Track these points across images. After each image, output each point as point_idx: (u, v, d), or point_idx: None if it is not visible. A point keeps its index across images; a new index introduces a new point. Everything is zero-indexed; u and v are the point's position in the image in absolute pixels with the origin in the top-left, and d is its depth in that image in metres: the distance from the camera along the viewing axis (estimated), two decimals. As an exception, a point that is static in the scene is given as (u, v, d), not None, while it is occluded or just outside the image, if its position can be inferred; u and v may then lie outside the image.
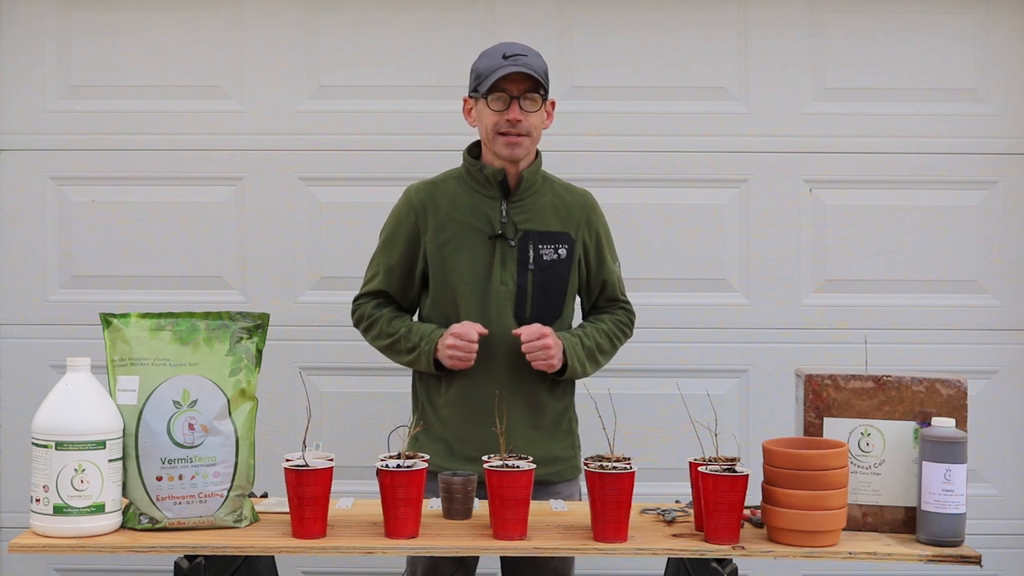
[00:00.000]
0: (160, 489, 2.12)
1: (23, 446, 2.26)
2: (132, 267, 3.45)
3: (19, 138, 3.45)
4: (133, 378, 2.15)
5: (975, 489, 2.61)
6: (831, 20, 3.46)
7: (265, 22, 3.45)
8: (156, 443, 2.12)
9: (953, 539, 2.09)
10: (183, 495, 2.13)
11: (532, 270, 2.55)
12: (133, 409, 2.13)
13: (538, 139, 2.60)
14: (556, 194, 2.63)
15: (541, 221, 2.58)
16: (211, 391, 2.17)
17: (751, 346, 3.46)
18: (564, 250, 2.58)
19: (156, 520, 2.12)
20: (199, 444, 2.14)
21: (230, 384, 2.19)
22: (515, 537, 2.09)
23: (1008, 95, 3.46)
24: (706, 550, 2.07)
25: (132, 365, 2.16)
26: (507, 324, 2.54)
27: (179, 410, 2.14)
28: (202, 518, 2.14)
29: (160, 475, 2.12)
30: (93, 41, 3.45)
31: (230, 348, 2.21)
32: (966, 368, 3.30)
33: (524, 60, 2.51)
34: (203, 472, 2.15)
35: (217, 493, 2.15)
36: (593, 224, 2.65)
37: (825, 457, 2.07)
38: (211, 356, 2.19)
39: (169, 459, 2.12)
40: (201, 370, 2.18)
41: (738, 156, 3.45)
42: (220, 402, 2.17)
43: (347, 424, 3.37)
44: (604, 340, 2.62)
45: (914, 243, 3.46)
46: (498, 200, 2.57)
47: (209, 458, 2.15)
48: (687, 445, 2.26)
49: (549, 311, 2.57)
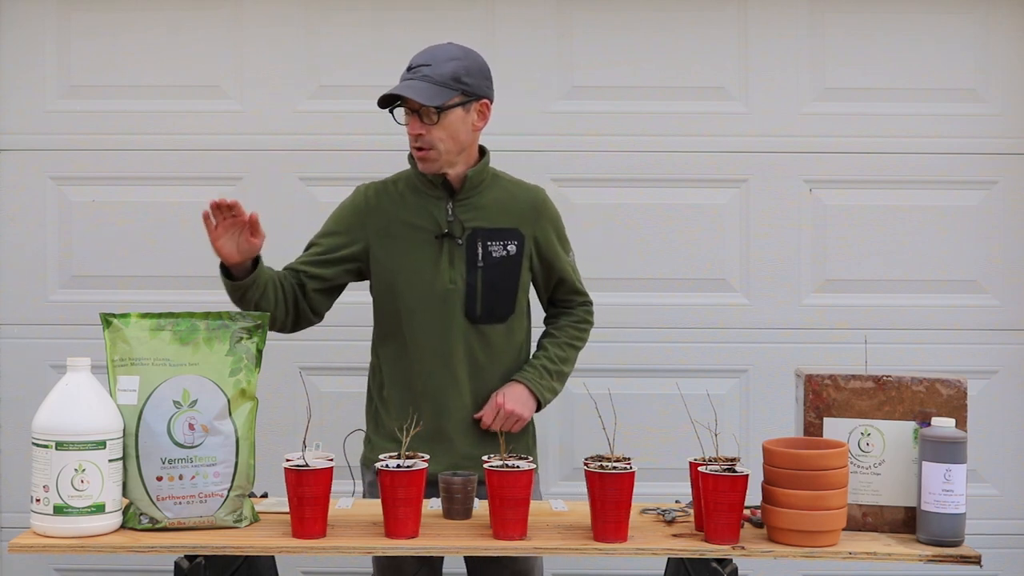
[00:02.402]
0: (160, 489, 2.12)
1: (23, 446, 2.26)
2: (132, 267, 3.45)
3: (19, 138, 3.45)
4: (133, 378, 2.15)
5: (975, 489, 2.62)
6: (831, 20, 3.46)
7: (265, 22, 3.45)
8: (156, 443, 2.12)
9: (953, 539, 2.09)
10: (183, 495, 2.13)
11: (481, 267, 2.54)
12: (133, 409, 2.13)
13: (455, 149, 2.52)
14: (505, 190, 2.61)
15: (489, 218, 2.56)
16: (211, 391, 2.17)
17: (751, 346, 3.46)
18: (514, 246, 2.56)
19: (156, 520, 2.12)
20: (199, 444, 2.14)
21: (230, 384, 2.19)
22: (515, 537, 2.09)
23: (1008, 95, 3.46)
24: (706, 550, 2.07)
25: (132, 365, 2.16)
26: (458, 322, 2.54)
27: (179, 410, 2.14)
28: (202, 518, 2.14)
29: (160, 475, 2.12)
30: (93, 41, 3.46)
31: (230, 348, 2.21)
32: (966, 368, 3.31)
33: (421, 73, 2.46)
34: (203, 472, 2.14)
35: (217, 493, 2.15)
36: (544, 219, 2.62)
37: (825, 457, 2.07)
38: (211, 356, 2.19)
39: (169, 459, 2.12)
40: (201, 370, 2.18)
41: (738, 156, 3.45)
42: (220, 402, 2.17)
43: (347, 424, 3.36)
44: (568, 351, 2.66)
45: (914, 243, 3.46)
46: (444, 200, 2.56)
47: (209, 458, 2.14)
48: (687, 445, 2.26)
49: (500, 308, 2.57)
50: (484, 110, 2.54)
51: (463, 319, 2.54)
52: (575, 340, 2.69)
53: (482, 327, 2.55)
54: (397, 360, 2.58)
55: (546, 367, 2.61)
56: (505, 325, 2.58)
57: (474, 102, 2.51)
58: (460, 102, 2.49)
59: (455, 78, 2.47)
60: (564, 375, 2.66)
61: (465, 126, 2.51)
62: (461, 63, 2.49)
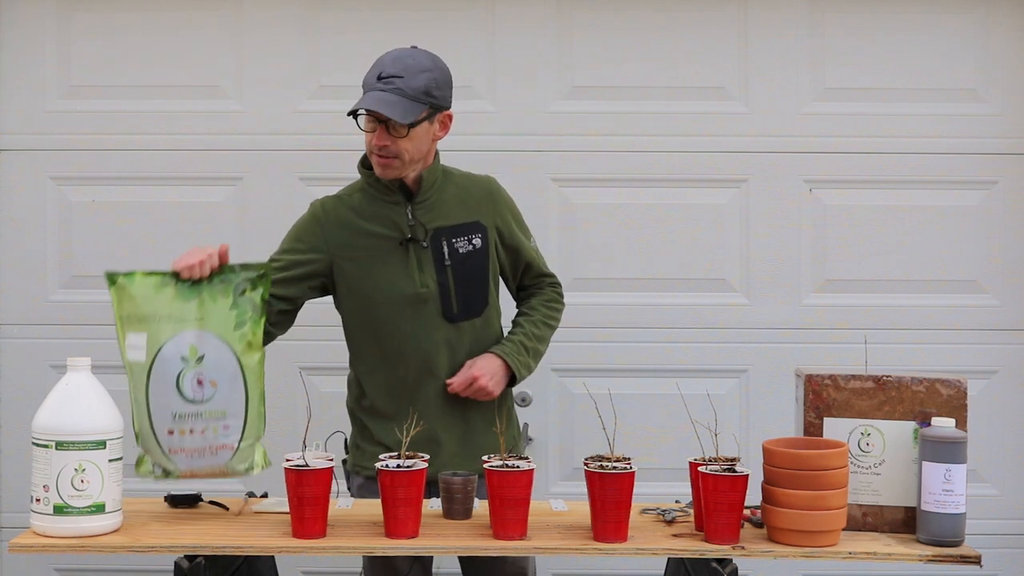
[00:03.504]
0: (172, 442, 2.17)
1: (23, 446, 2.26)
2: (132, 267, 3.41)
3: (19, 138, 3.45)
4: (141, 335, 2.18)
5: (975, 489, 2.61)
6: (831, 20, 3.46)
7: (265, 22, 3.45)
8: (167, 399, 2.17)
9: (953, 539, 2.09)
10: (194, 448, 2.18)
11: (449, 266, 2.54)
12: (143, 366, 2.17)
13: (418, 157, 2.52)
14: (458, 185, 2.61)
15: (448, 216, 2.56)
16: (217, 346, 2.21)
17: (751, 346, 3.46)
18: (479, 239, 2.56)
19: (169, 471, 2.18)
20: (209, 399, 2.19)
21: (236, 337, 2.22)
22: (515, 537, 2.09)
23: (1008, 95, 3.46)
24: (706, 550, 2.07)
25: (140, 322, 2.19)
26: (437, 324, 2.54)
27: (187, 366, 2.18)
28: (214, 468, 2.20)
29: (172, 429, 2.17)
30: (93, 41, 3.45)
31: (234, 301, 2.24)
32: (966, 368, 3.30)
33: (393, 84, 2.44)
34: (213, 426, 2.20)
35: (228, 445, 2.21)
36: (500, 206, 2.64)
37: (825, 457, 2.07)
38: (216, 310, 2.22)
39: (179, 414, 2.18)
40: (206, 325, 2.21)
41: (738, 156, 3.45)
42: (227, 356, 2.21)
43: (347, 424, 3.37)
44: (543, 330, 2.67)
45: (914, 243, 3.46)
46: (402, 204, 2.55)
47: (219, 412, 2.20)
48: (687, 445, 2.26)
49: (476, 303, 2.57)
50: (447, 121, 2.55)
51: (441, 320, 2.54)
52: (549, 319, 2.69)
53: (460, 324, 2.56)
54: (375, 371, 2.58)
55: (523, 344, 2.60)
56: (481, 319, 2.59)
57: (438, 114, 2.52)
58: (427, 115, 2.49)
59: (427, 92, 2.47)
60: (539, 353, 2.66)
61: (428, 136, 2.52)
62: (432, 76, 2.48)
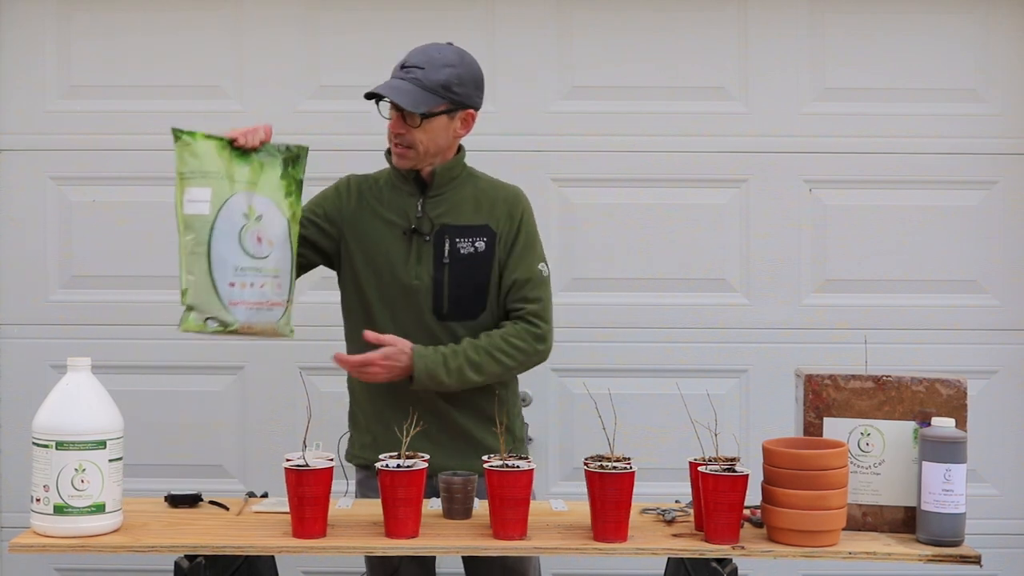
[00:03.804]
0: (232, 295, 2.25)
1: (23, 446, 2.26)
2: (132, 267, 3.45)
3: (19, 138, 3.46)
4: (205, 189, 2.27)
5: (975, 489, 2.62)
6: (831, 20, 3.46)
7: (265, 22, 3.46)
8: (229, 252, 2.26)
9: (953, 539, 2.09)
10: (254, 301, 2.28)
11: (447, 264, 2.52)
12: (206, 219, 2.25)
13: (434, 151, 2.51)
14: (479, 188, 2.59)
15: (458, 215, 2.55)
16: (272, 209, 2.32)
17: (751, 346, 3.46)
18: (483, 243, 2.53)
19: (227, 324, 2.25)
20: (266, 256, 2.30)
21: (286, 205, 2.35)
22: (515, 537, 2.09)
23: (1008, 95, 3.46)
24: (706, 550, 2.07)
25: (204, 177, 2.27)
26: (425, 318, 2.52)
27: (248, 222, 2.28)
28: (267, 325, 2.30)
29: (233, 281, 2.26)
30: (93, 41, 3.46)
31: (283, 172, 2.36)
32: (966, 368, 3.30)
33: (412, 74, 2.45)
34: (270, 283, 2.31)
35: (279, 303, 2.33)
36: (516, 217, 2.56)
37: (825, 457, 2.07)
38: (267, 178, 2.33)
39: (241, 267, 2.27)
40: (262, 190, 2.32)
41: (738, 156, 3.45)
42: (280, 220, 2.33)
43: (347, 424, 3.37)
44: (483, 358, 2.46)
45: (914, 243, 3.46)
46: (415, 196, 2.56)
47: (273, 270, 2.31)
48: (687, 445, 2.26)
49: (469, 305, 2.53)
50: (469, 119, 2.54)
51: (431, 315, 2.52)
52: (498, 352, 2.47)
53: (451, 324, 2.52)
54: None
55: (446, 358, 2.44)
56: (476, 322, 2.53)
57: (460, 111, 2.51)
58: (446, 110, 2.48)
59: (446, 86, 2.46)
60: (464, 377, 2.45)
61: (447, 132, 2.51)
62: (455, 71, 2.47)
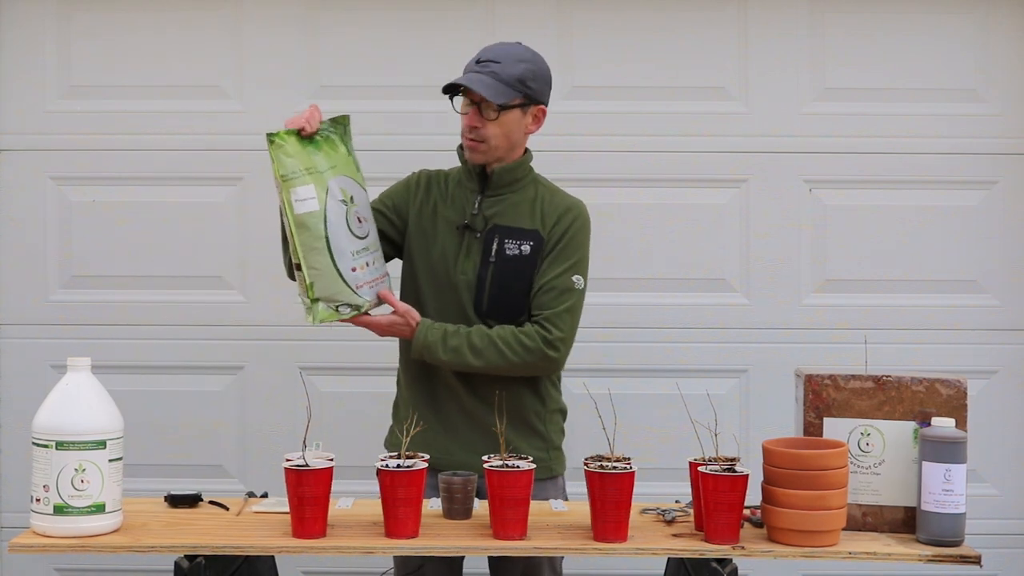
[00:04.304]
0: (357, 278, 2.38)
1: (23, 446, 2.26)
2: (132, 267, 3.45)
3: (19, 138, 3.46)
4: (308, 187, 2.34)
5: (975, 489, 2.62)
6: (831, 20, 3.46)
7: (265, 22, 3.46)
8: (343, 239, 2.36)
9: (953, 539, 2.09)
10: (372, 279, 2.42)
11: (493, 263, 2.53)
12: (318, 215, 2.33)
13: (506, 146, 2.53)
14: (539, 194, 2.60)
15: (512, 217, 2.56)
16: (355, 187, 2.43)
17: (751, 346, 3.46)
18: (529, 247, 2.54)
19: (359, 306, 2.39)
20: (367, 234, 2.42)
21: (360, 179, 2.44)
22: (515, 537, 2.09)
23: (1008, 95, 3.46)
24: (706, 550, 2.07)
25: (305, 175, 2.34)
26: (467, 314, 2.53)
27: (347, 207, 2.38)
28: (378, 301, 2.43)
29: (354, 266, 2.38)
30: (93, 41, 3.46)
31: (347, 149, 2.44)
32: (966, 368, 3.30)
33: (489, 68, 2.49)
34: (376, 257, 2.45)
35: (386, 273, 2.47)
36: (565, 226, 2.55)
37: (825, 457, 2.07)
38: (340, 158, 2.41)
39: (355, 251, 2.39)
40: (341, 171, 2.41)
41: (738, 156, 3.45)
42: (363, 195, 2.44)
43: (347, 424, 3.37)
44: (484, 344, 2.45)
45: (914, 243, 3.46)
46: (476, 193, 2.58)
47: (374, 245, 2.45)
48: (687, 445, 2.25)
49: (508, 306, 2.53)
50: (540, 116, 2.59)
51: (471, 311, 2.54)
52: (502, 343, 2.46)
53: (491, 323, 2.53)
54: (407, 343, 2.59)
55: (447, 336, 2.46)
56: (516, 324, 2.53)
57: (532, 106, 2.55)
58: (520, 104, 2.53)
59: (521, 80, 2.51)
60: (462, 358, 2.45)
61: (519, 127, 2.55)
62: (529, 67, 2.53)
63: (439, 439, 2.52)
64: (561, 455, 2.64)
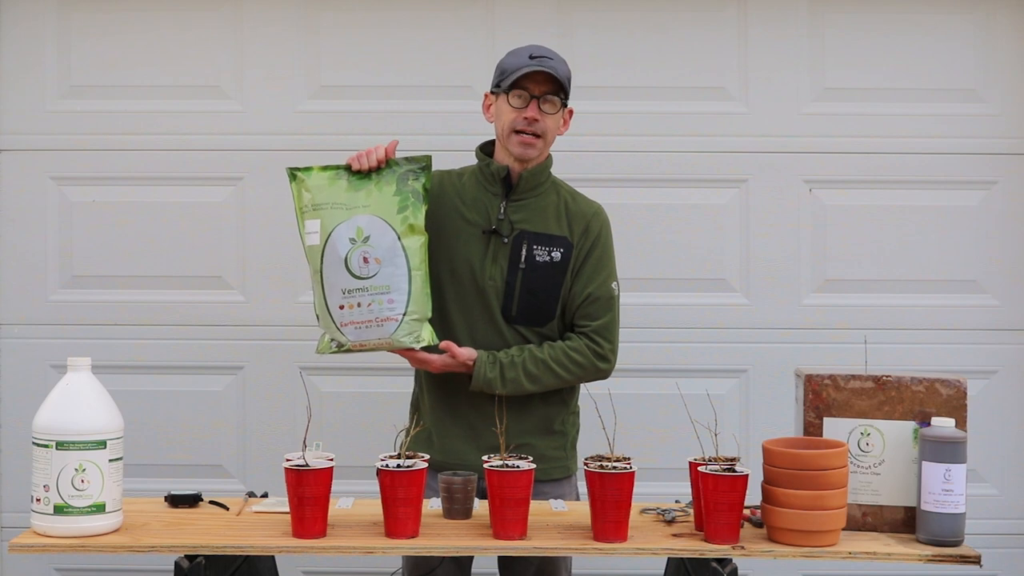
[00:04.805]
0: (343, 316, 2.39)
1: (23, 446, 2.26)
2: (132, 267, 3.45)
3: (19, 138, 3.46)
4: (315, 221, 2.41)
5: (975, 489, 2.62)
6: (831, 20, 3.46)
7: (265, 22, 3.45)
8: (337, 276, 2.38)
9: (953, 539, 2.10)
10: (362, 320, 2.38)
11: (523, 269, 2.54)
12: (317, 248, 2.40)
13: (551, 143, 2.61)
14: (561, 199, 2.63)
15: (540, 223, 2.58)
16: (381, 227, 2.41)
17: (751, 346, 3.46)
18: (559, 253, 2.56)
19: (341, 344, 2.41)
20: (373, 275, 2.39)
21: (398, 220, 2.41)
22: (515, 537, 2.09)
23: (1008, 95, 3.46)
24: (706, 550, 2.07)
25: (314, 210, 2.41)
26: (495, 319, 2.54)
27: (354, 246, 2.39)
28: (380, 340, 2.40)
29: (342, 304, 2.38)
30: (93, 41, 3.45)
31: (397, 188, 2.43)
32: (966, 368, 3.31)
33: (549, 63, 2.53)
34: (378, 300, 2.39)
35: (392, 318, 2.39)
36: (593, 231, 2.60)
37: (825, 457, 2.07)
38: (381, 197, 2.42)
39: (348, 289, 2.38)
40: (372, 210, 2.41)
41: (738, 156, 3.45)
42: (390, 236, 2.40)
43: (347, 424, 3.37)
44: (541, 370, 2.50)
45: (914, 243, 3.46)
46: (500, 197, 2.58)
47: (383, 287, 2.39)
48: (687, 445, 2.26)
49: (537, 312, 2.55)
50: (569, 117, 2.64)
51: (499, 316, 2.55)
52: (557, 365, 2.51)
53: (519, 328, 2.55)
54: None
55: (504, 369, 2.49)
56: (543, 329, 2.56)
57: (565, 108, 2.60)
58: (563, 102, 2.58)
59: (568, 79, 2.57)
60: (520, 387, 2.49)
61: (557, 125, 2.60)
62: (567, 69, 2.59)
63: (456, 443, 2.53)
64: (576, 454, 2.66)
